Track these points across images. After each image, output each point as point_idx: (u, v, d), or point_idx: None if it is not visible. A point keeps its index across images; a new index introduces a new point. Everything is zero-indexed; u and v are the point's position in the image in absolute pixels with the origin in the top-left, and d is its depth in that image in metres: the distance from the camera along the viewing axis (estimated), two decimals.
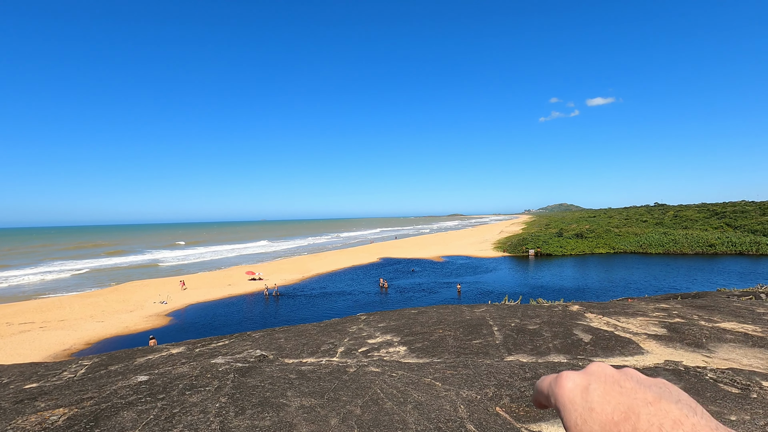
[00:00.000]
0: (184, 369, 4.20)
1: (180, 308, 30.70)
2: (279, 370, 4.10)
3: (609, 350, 4.57)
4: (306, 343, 5.66)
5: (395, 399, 3.18)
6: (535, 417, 2.93)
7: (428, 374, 3.87)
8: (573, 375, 0.40)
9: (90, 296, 35.51)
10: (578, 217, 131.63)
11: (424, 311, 7.54)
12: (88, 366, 5.41)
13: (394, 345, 5.28)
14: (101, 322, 26.69)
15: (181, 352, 5.83)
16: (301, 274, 45.57)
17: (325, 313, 28.05)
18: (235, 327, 25.35)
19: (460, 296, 33.72)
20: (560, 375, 0.40)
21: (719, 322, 5.72)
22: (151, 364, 5.14)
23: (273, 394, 3.24)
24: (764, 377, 3.63)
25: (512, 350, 4.70)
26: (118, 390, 3.44)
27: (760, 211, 79.36)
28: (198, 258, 67.89)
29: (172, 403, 3.04)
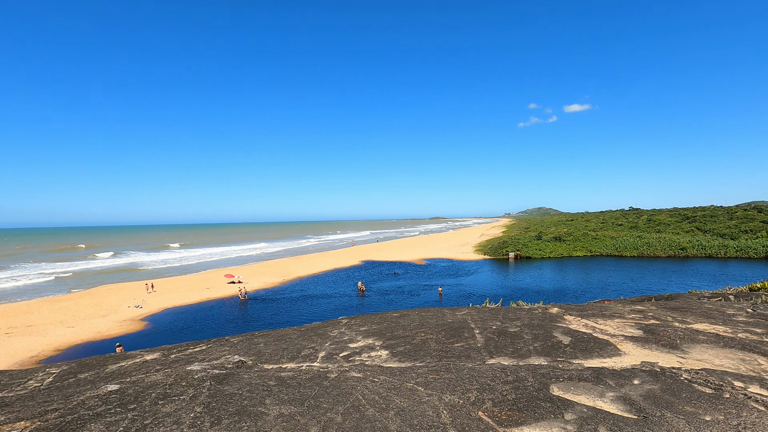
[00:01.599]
0: (158, 377, 4.04)
1: (156, 312, 29.88)
2: (258, 376, 4.00)
3: (588, 352, 4.63)
4: (286, 348, 5.54)
5: (377, 405, 3.13)
6: (518, 421, 2.92)
7: (410, 379, 3.83)
8: None
9: (60, 300, 34.20)
10: (557, 220, 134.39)
11: (406, 314, 7.51)
12: (55, 374, 5.16)
13: (376, 349, 5.23)
14: (72, 327, 25.73)
15: (155, 359, 5.63)
16: (282, 277, 45.01)
17: (306, 317, 27.75)
18: (214, 332, 24.82)
19: (442, 299, 33.90)
20: None
21: (692, 324, 5.88)
22: (124, 372, 4.95)
23: (251, 403, 3.15)
24: (736, 377, 3.73)
25: (494, 353, 4.71)
26: (87, 400, 3.28)
27: (728, 216, 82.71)
28: (179, 262, 66.21)
29: (144, 413, 2.91)
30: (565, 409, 3.05)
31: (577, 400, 3.24)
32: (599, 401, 3.21)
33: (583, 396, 3.32)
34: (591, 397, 3.30)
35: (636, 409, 3.04)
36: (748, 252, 59.31)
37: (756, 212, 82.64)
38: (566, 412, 3.00)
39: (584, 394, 3.35)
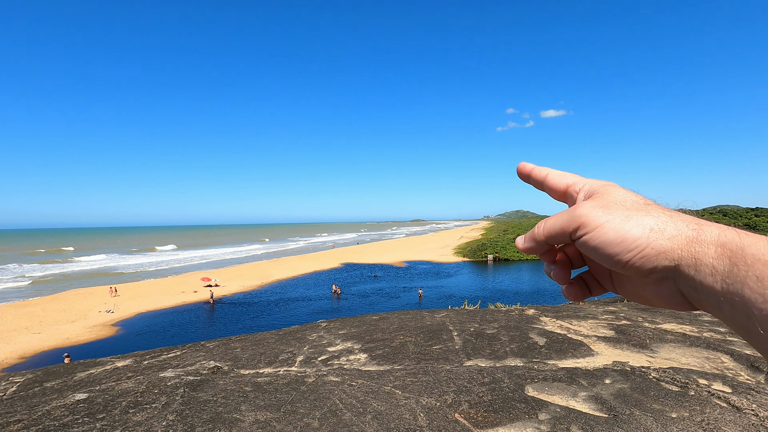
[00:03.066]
0: (129, 384, 3.92)
1: (128, 317, 28.98)
2: (234, 382, 3.93)
3: (562, 352, 4.74)
4: (264, 353, 5.46)
5: (354, 409, 3.12)
6: (493, 422, 2.96)
7: (388, 382, 3.84)
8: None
9: (26, 306, 32.76)
10: (534, 223, 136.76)
11: (385, 317, 7.52)
12: (20, 383, 4.94)
13: (355, 352, 5.21)
14: (38, 333, 24.68)
15: (127, 365, 5.46)
16: (260, 280, 44.36)
17: (284, 321, 27.43)
18: (189, 337, 24.25)
19: (422, 301, 34.07)
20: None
21: (661, 324, 6.10)
22: (93, 380, 4.77)
23: (226, 409, 3.09)
24: (701, 375, 3.89)
25: (471, 355, 4.76)
26: (52, 410, 3.15)
27: None
28: (157, 266, 64.32)
29: (113, 423, 2.82)
30: (540, 410, 3.12)
31: (551, 400, 3.31)
32: (572, 401, 3.29)
33: (557, 396, 3.39)
34: (564, 397, 3.38)
35: (607, 408, 3.13)
36: None
37: (721, 216, 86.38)
38: (540, 413, 3.07)
39: (558, 394, 3.42)
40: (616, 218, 0.43)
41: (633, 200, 0.46)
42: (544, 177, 0.57)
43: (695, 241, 0.40)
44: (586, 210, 0.45)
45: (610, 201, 0.46)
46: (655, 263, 0.41)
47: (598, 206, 0.45)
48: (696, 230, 0.41)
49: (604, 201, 0.46)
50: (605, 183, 0.50)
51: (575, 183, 0.53)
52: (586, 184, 0.52)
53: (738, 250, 0.38)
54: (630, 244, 0.42)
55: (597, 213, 0.44)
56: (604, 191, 0.48)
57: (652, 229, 0.42)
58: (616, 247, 0.43)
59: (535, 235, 0.51)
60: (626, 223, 0.43)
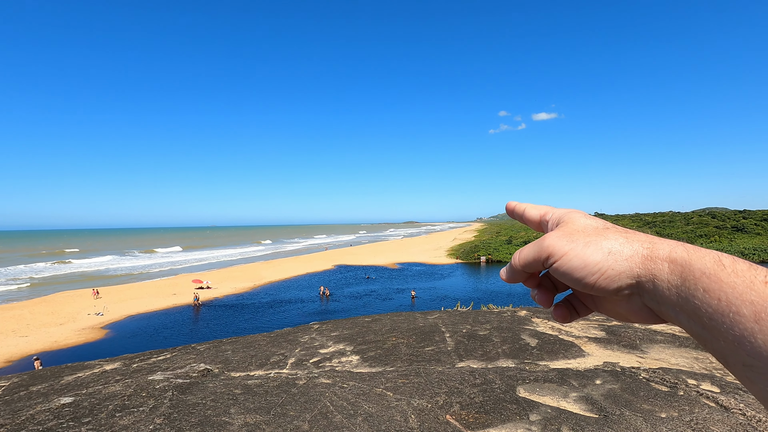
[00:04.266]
0: (117, 387, 3.86)
1: (118, 320, 28.62)
2: (223, 385, 3.88)
3: (554, 353, 4.75)
4: (255, 355, 5.42)
5: (345, 412, 3.10)
6: (484, 423, 2.96)
7: (380, 384, 3.82)
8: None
9: (12, 308, 32.22)
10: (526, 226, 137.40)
11: (378, 319, 7.50)
12: (5, 387, 4.84)
13: (347, 354, 5.19)
14: (25, 336, 24.28)
15: (115, 369, 5.38)
16: (252, 281, 44.07)
17: (276, 323, 27.26)
18: (180, 339, 24.00)
19: (415, 302, 34.08)
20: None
21: (651, 325, 6.15)
22: (80, 383, 4.69)
23: (215, 413, 3.05)
24: (690, 375, 3.92)
25: (463, 356, 4.76)
26: (37, 414, 3.09)
27: (685, 221, 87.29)
28: (147, 269, 63.61)
29: (99, 427, 2.77)
30: (531, 410, 3.12)
31: (542, 401, 3.32)
32: (563, 401, 3.29)
33: (548, 397, 3.40)
34: (555, 397, 3.38)
35: (597, 409, 3.14)
36: None
37: (710, 218, 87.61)
38: (531, 413, 3.07)
39: (549, 395, 3.43)
40: (578, 245, 0.48)
41: (593, 226, 0.51)
42: (523, 211, 0.63)
43: (650, 259, 0.44)
44: (553, 240, 0.50)
45: (573, 229, 0.51)
46: (618, 282, 0.45)
47: (562, 235, 0.50)
48: (649, 248, 0.45)
49: (568, 229, 0.51)
50: (569, 211, 0.56)
51: (546, 213, 0.59)
52: (554, 213, 0.57)
53: (687, 266, 0.41)
54: (592, 268, 0.46)
55: (562, 242, 0.49)
56: (568, 219, 0.53)
57: (611, 252, 0.46)
58: (581, 271, 0.46)
59: (513, 266, 0.55)
60: (587, 249, 0.47)
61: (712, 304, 0.38)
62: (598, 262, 0.45)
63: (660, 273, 0.42)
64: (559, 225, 0.53)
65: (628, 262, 0.44)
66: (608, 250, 0.46)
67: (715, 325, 0.37)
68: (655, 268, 0.43)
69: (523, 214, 0.62)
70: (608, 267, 0.45)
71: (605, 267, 0.45)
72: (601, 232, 0.49)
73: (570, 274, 0.47)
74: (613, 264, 0.45)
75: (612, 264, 0.45)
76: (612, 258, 0.45)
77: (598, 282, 0.45)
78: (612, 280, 0.45)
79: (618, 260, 0.45)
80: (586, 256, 0.46)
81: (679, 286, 0.41)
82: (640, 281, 0.44)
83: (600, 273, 0.45)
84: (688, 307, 0.40)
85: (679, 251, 0.43)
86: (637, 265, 0.44)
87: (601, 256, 0.46)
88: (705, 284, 0.39)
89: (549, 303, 0.56)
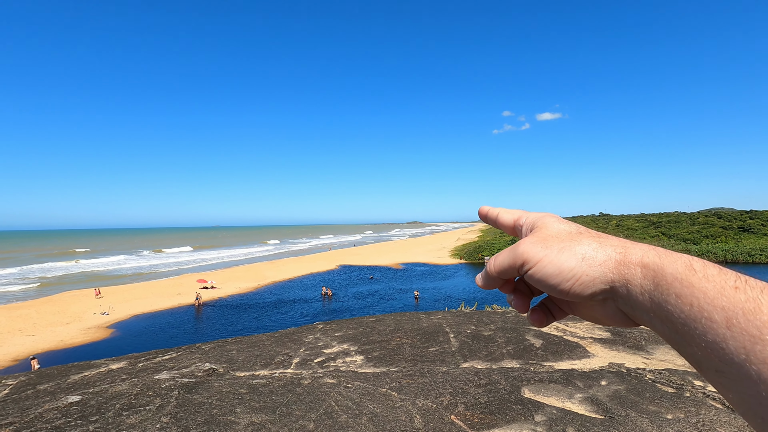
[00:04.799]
0: (123, 386, 3.89)
1: (124, 319, 28.81)
2: (229, 384, 3.90)
3: (558, 354, 4.74)
4: (259, 355, 5.44)
5: (350, 411, 3.10)
6: (489, 423, 2.96)
7: (385, 384, 3.82)
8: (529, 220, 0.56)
9: (19, 308, 32.50)
10: None
11: (382, 319, 7.50)
12: (12, 386, 4.88)
13: (351, 354, 5.20)
14: (32, 336, 24.48)
15: (121, 368, 5.41)
16: (256, 282, 44.22)
17: (280, 323, 27.34)
18: (185, 339, 24.12)
19: (418, 303, 34.05)
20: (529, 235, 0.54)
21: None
22: (87, 382, 4.73)
23: (221, 412, 3.07)
24: (696, 377, 3.90)
25: (468, 357, 4.76)
26: (45, 413, 3.12)
27: (691, 222, 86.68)
28: (154, 269, 63.93)
29: (107, 425, 2.79)
30: (536, 411, 3.11)
31: (548, 401, 3.31)
32: (568, 402, 3.29)
33: (553, 398, 3.39)
34: (561, 398, 3.37)
35: (603, 410, 3.13)
36: (708, 256, 62.29)
37: (716, 218, 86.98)
38: (536, 414, 3.06)
39: (554, 396, 3.42)
40: (552, 251, 0.47)
41: (567, 231, 0.50)
42: (496, 216, 0.62)
43: (622, 264, 0.44)
44: (527, 246, 0.49)
45: (547, 235, 0.50)
46: (592, 288, 0.45)
47: (536, 241, 0.49)
48: (622, 253, 0.45)
49: (542, 235, 0.50)
50: (543, 215, 0.55)
51: (520, 217, 0.58)
52: (528, 217, 0.57)
53: (659, 270, 0.41)
54: (567, 274, 0.46)
55: (536, 248, 0.48)
56: (541, 224, 0.53)
57: (584, 258, 0.46)
58: (556, 278, 0.46)
59: (488, 272, 0.54)
60: (561, 255, 0.47)
61: (684, 309, 0.38)
62: (572, 268, 0.45)
63: (633, 278, 0.42)
64: (533, 230, 0.53)
65: (601, 267, 0.45)
66: (582, 255, 0.46)
67: (688, 330, 0.37)
68: (629, 273, 0.43)
69: (497, 219, 0.62)
70: (582, 273, 0.45)
71: (579, 273, 0.45)
72: (575, 237, 0.48)
73: (545, 280, 0.47)
74: (587, 270, 0.45)
75: (586, 270, 0.45)
76: (586, 264, 0.45)
77: (572, 288, 0.46)
78: (586, 286, 0.45)
79: (592, 266, 0.45)
80: (561, 262, 0.46)
81: (651, 291, 0.41)
82: (614, 286, 0.44)
83: (574, 279, 0.45)
84: (662, 312, 0.40)
85: (651, 255, 0.43)
86: (611, 271, 0.44)
87: (575, 262, 0.46)
88: (677, 289, 0.39)
89: (525, 308, 0.56)
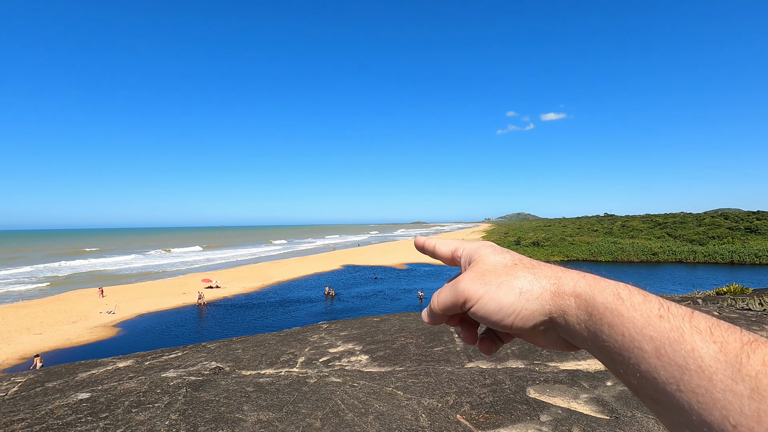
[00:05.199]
0: (132, 384, 3.94)
1: (129, 318, 29.01)
2: (235, 382, 3.94)
3: (564, 354, 4.73)
4: (265, 354, 5.48)
5: (356, 410, 3.13)
6: (495, 423, 2.97)
7: (390, 383, 3.85)
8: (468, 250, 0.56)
9: (26, 306, 32.80)
10: (535, 226, 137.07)
11: (386, 319, 7.52)
12: (21, 383, 4.95)
13: (356, 354, 5.22)
14: (39, 334, 24.71)
15: (128, 366, 5.47)
16: (261, 281, 44.36)
17: (285, 322, 27.42)
18: (190, 338, 24.25)
19: (422, 303, 34.03)
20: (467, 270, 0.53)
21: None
22: (95, 380, 4.79)
23: (228, 409, 3.10)
24: None
25: (472, 357, 4.77)
26: (56, 409, 3.16)
27: (697, 222, 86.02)
28: (160, 268, 64.29)
29: (117, 422, 2.83)
30: (541, 411, 3.12)
31: (553, 401, 3.32)
32: (574, 403, 3.29)
33: (558, 398, 3.40)
34: (566, 398, 3.38)
35: (608, 410, 3.13)
36: (715, 257, 61.80)
37: (723, 219, 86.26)
38: (542, 414, 3.07)
39: (559, 396, 3.43)
40: (491, 288, 0.48)
41: (503, 263, 0.50)
42: (433, 247, 0.62)
43: (558, 295, 0.44)
44: (466, 284, 0.49)
45: (485, 269, 0.50)
46: (533, 321, 0.46)
47: (475, 277, 0.50)
48: (556, 284, 0.45)
49: (479, 269, 0.51)
50: (479, 246, 0.55)
51: (457, 248, 0.58)
52: (465, 249, 0.57)
53: (590, 300, 0.41)
54: (507, 310, 0.46)
55: (475, 285, 0.49)
56: (478, 257, 0.53)
57: (522, 292, 0.46)
58: (497, 314, 0.47)
59: (433, 310, 0.54)
60: (499, 291, 0.47)
61: (618, 339, 0.38)
62: (512, 304, 0.46)
63: (569, 309, 0.43)
64: (471, 263, 0.53)
65: (539, 300, 0.45)
66: (519, 290, 0.46)
67: (623, 360, 0.38)
68: (564, 304, 0.44)
69: (434, 251, 0.62)
70: (522, 307, 0.46)
71: (519, 308, 0.46)
72: (510, 270, 0.49)
73: (488, 317, 0.48)
74: (525, 304, 0.46)
75: (524, 304, 0.46)
76: (524, 298, 0.46)
77: (515, 323, 0.46)
78: (527, 320, 0.46)
79: (530, 299, 0.46)
80: (500, 298, 0.47)
81: (586, 321, 0.41)
82: (552, 317, 0.45)
83: (515, 314, 0.46)
84: (598, 341, 0.40)
85: (582, 285, 0.43)
86: (547, 302, 0.45)
87: (514, 297, 0.46)
88: (609, 319, 0.39)
89: (474, 340, 0.56)
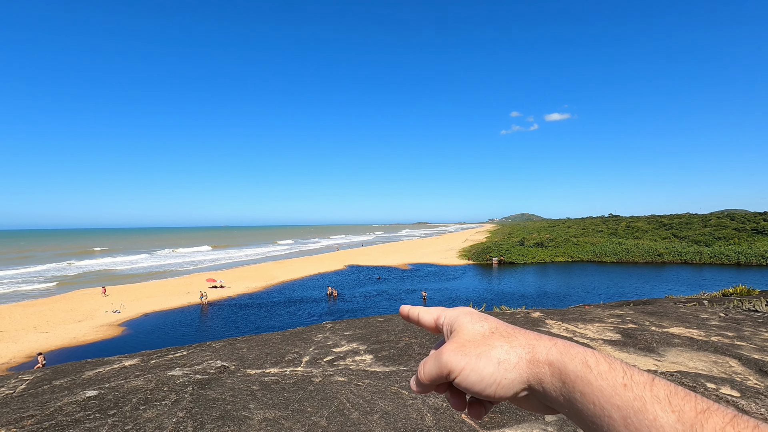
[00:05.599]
0: (138, 382, 3.97)
1: (134, 317, 29.19)
2: (241, 381, 3.96)
3: None
4: (270, 353, 5.50)
5: (362, 409, 3.14)
6: (500, 423, 2.97)
7: (395, 382, 3.86)
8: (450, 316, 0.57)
9: (33, 305, 33.08)
10: (539, 226, 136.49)
11: (390, 319, 7.53)
12: (29, 381, 5.01)
13: (361, 353, 5.24)
14: (45, 333, 24.92)
15: (135, 364, 5.51)
16: (265, 281, 44.50)
17: (289, 322, 27.50)
18: (195, 337, 24.37)
19: (426, 303, 34.00)
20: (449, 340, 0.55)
21: (668, 327, 6.06)
22: (102, 378, 4.83)
23: (234, 407, 3.12)
24: (708, 379, 3.87)
25: None
26: (64, 406, 3.20)
27: (702, 223, 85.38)
28: (163, 268, 64.65)
29: (125, 419, 2.86)
30: None
31: None
32: None
33: None
34: None
35: None
36: (721, 258, 61.28)
37: (729, 220, 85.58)
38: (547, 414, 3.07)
39: None
40: (471, 360, 0.49)
41: (481, 333, 0.52)
42: (417, 316, 0.63)
43: (533, 363, 0.46)
44: (449, 356, 0.51)
45: (464, 340, 0.52)
46: (513, 389, 0.48)
47: (456, 349, 0.51)
48: (530, 353, 0.47)
49: (460, 340, 0.52)
50: (458, 315, 0.57)
51: (439, 316, 0.60)
52: (446, 316, 0.58)
53: (562, 368, 0.43)
54: (488, 380, 0.48)
55: (457, 357, 0.50)
56: (458, 327, 0.54)
57: (500, 362, 0.48)
58: (479, 384, 0.49)
59: (420, 380, 0.56)
60: (479, 362, 0.49)
61: (589, 407, 0.40)
62: (492, 374, 0.48)
63: (544, 376, 0.45)
64: (452, 332, 0.55)
65: (516, 369, 0.47)
66: (497, 360, 0.48)
67: (596, 427, 0.39)
68: (540, 372, 0.46)
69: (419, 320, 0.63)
70: (501, 377, 0.47)
71: (499, 378, 0.48)
72: (488, 340, 0.51)
73: (470, 388, 0.50)
74: (504, 374, 0.47)
75: (503, 374, 0.47)
76: (503, 368, 0.48)
77: (497, 392, 0.48)
78: (507, 389, 0.48)
79: (508, 369, 0.47)
80: (480, 369, 0.48)
81: (561, 389, 0.43)
82: (530, 385, 0.47)
83: (496, 384, 0.48)
84: (573, 408, 0.42)
85: (554, 353, 0.45)
86: (524, 371, 0.47)
87: (493, 368, 0.48)
88: (580, 388, 0.41)
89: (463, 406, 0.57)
